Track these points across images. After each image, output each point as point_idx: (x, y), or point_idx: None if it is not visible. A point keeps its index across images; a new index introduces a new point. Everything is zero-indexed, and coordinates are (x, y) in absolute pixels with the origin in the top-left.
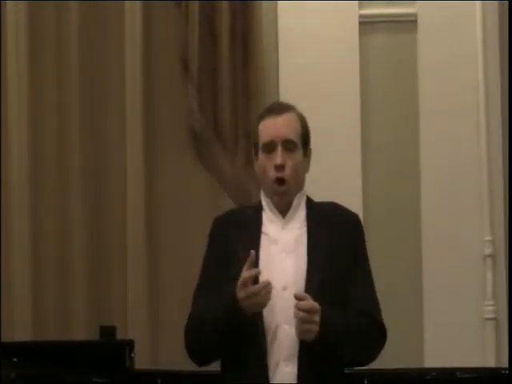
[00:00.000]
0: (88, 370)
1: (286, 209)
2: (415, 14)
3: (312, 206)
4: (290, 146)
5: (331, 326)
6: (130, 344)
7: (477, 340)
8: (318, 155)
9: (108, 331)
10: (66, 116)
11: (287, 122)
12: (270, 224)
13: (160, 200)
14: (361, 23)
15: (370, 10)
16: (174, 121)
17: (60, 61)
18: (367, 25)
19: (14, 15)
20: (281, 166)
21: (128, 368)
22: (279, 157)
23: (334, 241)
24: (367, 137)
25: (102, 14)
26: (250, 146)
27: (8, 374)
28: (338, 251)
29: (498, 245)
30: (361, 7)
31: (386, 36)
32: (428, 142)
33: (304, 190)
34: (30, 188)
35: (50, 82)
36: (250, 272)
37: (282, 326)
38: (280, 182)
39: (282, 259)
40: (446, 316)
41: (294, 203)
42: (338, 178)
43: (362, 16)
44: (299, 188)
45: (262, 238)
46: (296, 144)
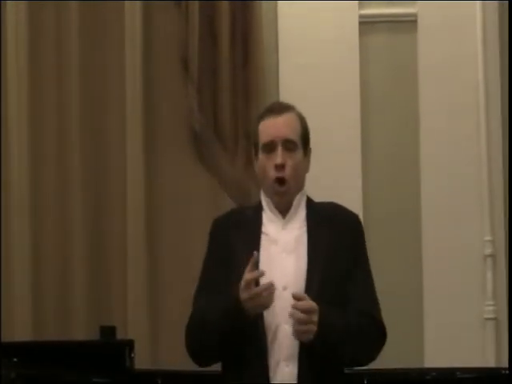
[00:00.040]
0: (88, 369)
1: (286, 209)
2: (415, 14)
3: (312, 206)
4: (290, 145)
5: (329, 326)
6: (130, 344)
7: (477, 340)
8: (317, 155)
9: (108, 331)
10: (66, 116)
11: (287, 122)
12: (270, 224)
13: (160, 200)
14: (361, 23)
15: (370, 10)
16: (174, 121)
17: (60, 61)
18: (367, 25)
19: (14, 15)
20: (281, 166)
21: (128, 368)
22: (279, 156)
23: (334, 241)
24: (367, 137)
25: (102, 14)
26: (250, 146)
27: (8, 373)
28: (338, 251)
29: (498, 245)
30: (361, 7)
31: (386, 36)
32: (428, 142)
33: (304, 190)
34: (30, 188)
35: (50, 82)
36: (253, 274)
37: (282, 326)
38: (280, 181)
39: (283, 259)
40: (446, 316)
41: (295, 203)
42: (338, 178)
43: (362, 16)
44: (299, 188)
45: (262, 238)
46: (296, 144)
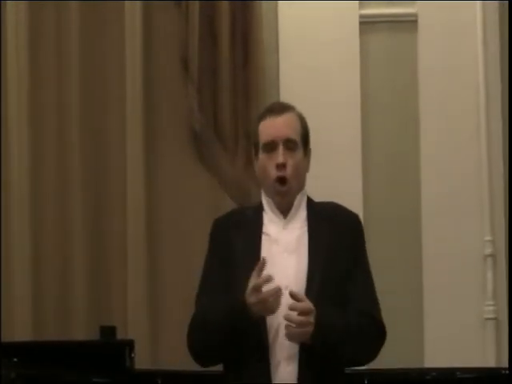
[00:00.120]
0: (88, 370)
1: (287, 209)
2: (415, 14)
3: (312, 206)
4: (290, 145)
5: (328, 326)
6: (130, 344)
7: (477, 340)
8: (318, 155)
9: (108, 331)
10: (66, 116)
11: (287, 122)
12: (271, 224)
13: (160, 200)
14: (361, 23)
15: (370, 10)
16: (175, 121)
17: (60, 61)
18: (367, 25)
19: (14, 15)
20: (282, 165)
21: (128, 368)
22: (281, 156)
23: (335, 241)
24: (367, 137)
25: (102, 14)
26: (250, 146)
27: (8, 373)
28: (338, 251)
29: (499, 245)
30: (361, 7)
31: (387, 36)
32: (428, 142)
33: (305, 190)
34: (30, 188)
35: (50, 82)
36: (261, 279)
37: (283, 326)
38: (281, 181)
39: (284, 259)
40: (447, 316)
41: (295, 203)
42: (338, 178)
43: (362, 16)
44: (300, 188)
45: (263, 238)
46: (297, 143)
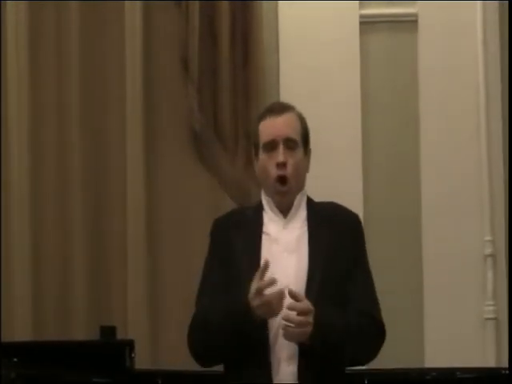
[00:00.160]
0: (88, 370)
1: (287, 208)
2: (416, 14)
3: (312, 206)
4: (291, 144)
5: (327, 326)
6: (131, 344)
7: (477, 340)
8: (318, 155)
9: (108, 331)
10: (66, 116)
11: (287, 122)
12: (271, 224)
13: (160, 200)
14: (361, 23)
15: (370, 10)
16: (175, 121)
17: (60, 61)
18: (368, 25)
19: (15, 15)
20: (283, 164)
21: (128, 368)
22: (281, 154)
23: (335, 241)
24: (367, 137)
25: (102, 14)
26: (250, 146)
27: (8, 373)
28: (338, 251)
29: (499, 245)
30: (361, 7)
31: (387, 36)
32: (428, 142)
33: (305, 190)
34: (30, 188)
35: (50, 82)
36: (265, 282)
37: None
38: (282, 180)
39: (284, 259)
40: (447, 316)
41: (295, 203)
42: (338, 178)
43: (362, 16)
44: (300, 187)
45: (263, 237)
46: (297, 142)
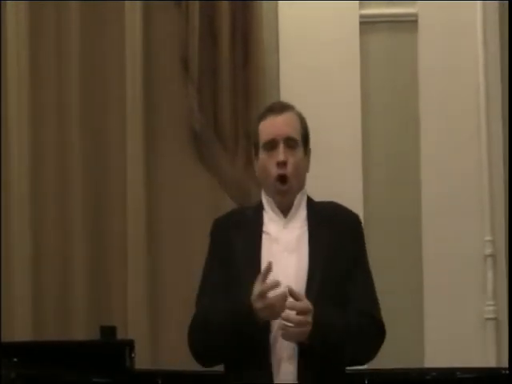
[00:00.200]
0: (88, 370)
1: (287, 208)
2: (416, 14)
3: (313, 206)
4: (291, 143)
5: (326, 326)
6: (131, 344)
7: (477, 340)
8: (318, 155)
9: (108, 331)
10: (66, 116)
11: (288, 121)
12: (271, 223)
13: (160, 200)
14: (361, 23)
15: (370, 10)
16: (175, 121)
17: (60, 61)
18: (368, 25)
19: (15, 15)
20: (283, 163)
21: (128, 368)
22: (281, 153)
23: (335, 241)
24: (368, 137)
25: (102, 14)
26: (251, 146)
27: (8, 373)
28: (338, 251)
29: (499, 245)
30: (361, 7)
31: (387, 36)
32: (428, 142)
33: (305, 190)
34: (30, 188)
35: (50, 82)
36: (269, 285)
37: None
38: (282, 179)
39: (284, 258)
40: (447, 316)
41: (296, 202)
42: (338, 178)
43: (362, 16)
44: (301, 187)
45: (264, 237)
46: (297, 142)
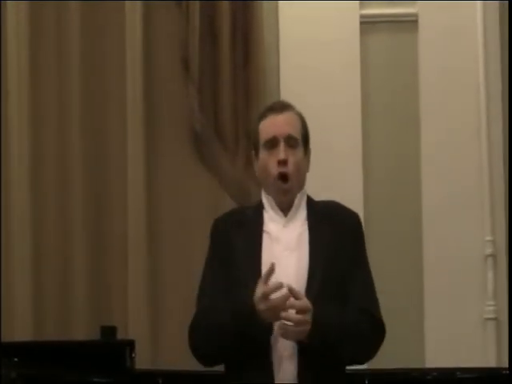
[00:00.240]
0: (89, 370)
1: (287, 207)
2: (416, 14)
3: (313, 205)
4: (292, 142)
5: (324, 325)
6: (131, 344)
7: (477, 340)
8: (318, 155)
9: (109, 331)
10: (66, 116)
11: (288, 120)
12: (272, 223)
13: (160, 200)
14: (362, 23)
15: (370, 10)
16: (175, 121)
17: (60, 61)
18: (368, 25)
19: (15, 15)
20: (284, 162)
21: (129, 368)
22: (282, 152)
23: (335, 240)
24: (368, 137)
25: (103, 14)
26: (251, 145)
27: (8, 373)
28: (338, 251)
29: (499, 245)
30: (362, 7)
31: (387, 36)
32: (429, 143)
33: (304, 190)
34: (30, 188)
35: (51, 81)
36: (272, 287)
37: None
38: (283, 177)
39: (285, 257)
40: (447, 316)
41: (296, 202)
42: (338, 178)
43: (362, 16)
44: (301, 186)
45: (264, 236)
46: (298, 141)
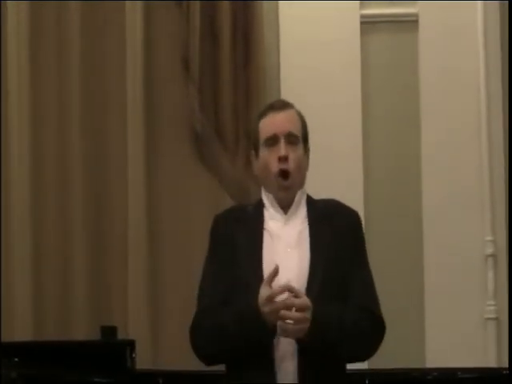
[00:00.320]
0: (89, 370)
1: (287, 205)
2: (416, 14)
3: (312, 204)
4: (292, 139)
5: (324, 323)
6: (131, 344)
7: (478, 340)
8: (319, 156)
9: (109, 331)
10: (66, 116)
11: (289, 118)
12: (272, 220)
13: (160, 200)
14: (362, 23)
15: (371, 10)
16: (175, 121)
17: (60, 61)
18: (368, 25)
19: (15, 15)
20: (284, 158)
21: (129, 368)
22: (283, 148)
23: (335, 239)
24: (368, 136)
25: (103, 14)
26: (251, 145)
27: (8, 373)
28: (339, 251)
29: (500, 244)
30: (362, 7)
31: (387, 36)
32: (429, 143)
33: (304, 188)
34: (30, 188)
35: (50, 82)
36: (277, 289)
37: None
38: (284, 174)
39: (286, 254)
40: (447, 316)
41: (296, 199)
42: (339, 178)
43: (363, 16)
44: (301, 184)
45: (265, 234)
46: (298, 138)
